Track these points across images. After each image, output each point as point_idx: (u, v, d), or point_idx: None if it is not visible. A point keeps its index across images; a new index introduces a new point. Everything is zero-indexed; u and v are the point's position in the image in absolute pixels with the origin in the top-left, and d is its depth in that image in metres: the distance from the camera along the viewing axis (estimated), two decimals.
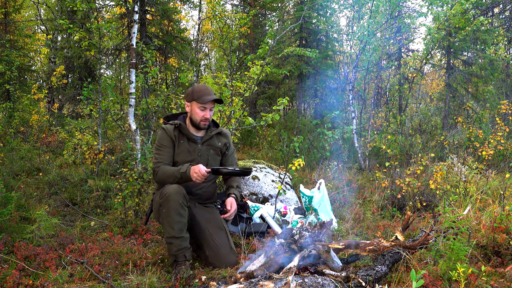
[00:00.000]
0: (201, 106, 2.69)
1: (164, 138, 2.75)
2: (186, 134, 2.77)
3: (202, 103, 2.67)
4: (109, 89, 5.90)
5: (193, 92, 2.72)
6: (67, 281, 2.38)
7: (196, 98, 2.68)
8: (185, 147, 2.75)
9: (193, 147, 2.77)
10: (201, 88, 2.72)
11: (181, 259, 2.54)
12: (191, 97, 2.72)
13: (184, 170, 2.54)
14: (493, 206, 3.56)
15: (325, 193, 3.78)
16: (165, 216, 2.51)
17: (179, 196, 2.49)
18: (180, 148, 2.75)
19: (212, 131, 2.85)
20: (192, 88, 2.77)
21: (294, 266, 2.07)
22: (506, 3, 9.21)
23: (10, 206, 3.21)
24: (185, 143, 2.76)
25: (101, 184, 5.00)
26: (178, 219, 2.49)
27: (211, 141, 2.84)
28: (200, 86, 2.75)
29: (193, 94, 2.71)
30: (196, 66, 10.14)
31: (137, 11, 5.00)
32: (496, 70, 7.46)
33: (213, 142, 2.85)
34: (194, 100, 2.70)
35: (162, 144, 2.74)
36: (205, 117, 2.71)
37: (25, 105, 8.66)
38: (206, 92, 2.69)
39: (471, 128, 6.43)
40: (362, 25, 7.32)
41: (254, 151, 8.07)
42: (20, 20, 11.44)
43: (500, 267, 2.41)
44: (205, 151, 2.81)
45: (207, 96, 2.67)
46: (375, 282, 2.16)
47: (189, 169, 2.53)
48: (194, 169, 2.50)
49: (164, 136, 2.75)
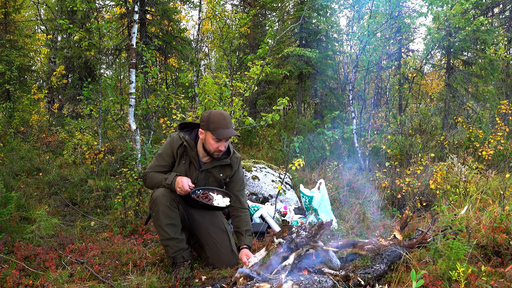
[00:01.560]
0: (216, 139, 2.45)
1: (167, 152, 2.59)
2: (190, 157, 2.59)
3: (217, 137, 2.43)
4: (109, 89, 5.90)
5: (209, 121, 2.44)
6: (67, 281, 2.39)
7: (212, 130, 2.43)
8: (185, 169, 2.60)
9: (191, 172, 2.61)
10: (218, 118, 2.44)
11: (180, 260, 2.54)
12: (206, 126, 2.45)
13: (170, 182, 2.46)
14: (493, 206, 3.56)
15: (325, 193, 3.78)
16: (156, 219, 2.52)
17: (166, 199, 2.48)
18: (179, 168, 2.60)
19: (219, 159, 2.62)
20: (208, 115, 2.47)
21: (289, 264, 2.08)
22: (506, 3, 9.20)
23: (10, 206, 3.21)
24: (186, 165, 2.60)
25: (101, 184, 5.00)
26: (168, 222, 2.49)
27: (212, 170, 2.64)
28: (217, 115, 2.45)
29: (208, 123, 2.44)
30: (196, 66, 10.14)
31: (137, 11, 5.00)
32: (496, 70, 7.46)
33: (215, 172, 2.65)
34: (210, 131, 2.44)
35: (161, 152, 2.62)
36: (219, 149, 2.50)
37: (25, 105, 8.66)
38: (223, 124, 2.43)
39: (471, 128, 6.43)
40: (362, 25, 7.32)
41: (254, 151, 8.07)
42: (20, 20, 11.45)
43: (500, 267, 2.41)
44: (203, 179, 2.64)
45: (223, 129, 2.43)
46: (375, 281, 2.16)
47: (175, 180, 2.45)
48: (178, 183, 2.42)
49: (167, 150, 2.59)
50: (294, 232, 2.23)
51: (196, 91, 8.90)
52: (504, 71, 8.80)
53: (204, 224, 2.68)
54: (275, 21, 12.22)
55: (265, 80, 10.36)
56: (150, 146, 4.34)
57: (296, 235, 2.21)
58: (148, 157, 4.03)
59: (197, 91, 4.93)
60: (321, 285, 1.98)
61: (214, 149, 2.50)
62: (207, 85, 4.44)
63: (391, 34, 9.06)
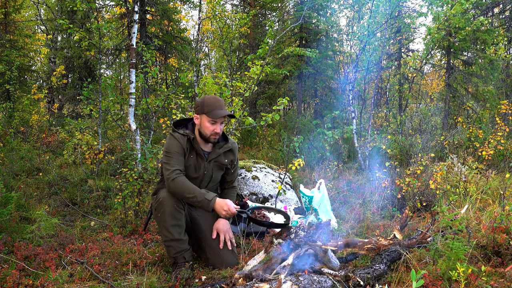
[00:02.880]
0: (212, 120, 2.51)
1: (176, 145, 2.55)
2: (196, 149, 2.61)
3: (212, 118, 2.50)
4: (109, 89, 5.90)
5: (204, 104, 2.53)
6: (67, 281, 2.39)
7: (207, 112, 2.50)
8: (193, 162, 2.61)
9: (200, 164, 2.63)
10: (213, 101, 2.54)
11: (181, 261, 2.55)
12: (201, 109, 2.53)
13: (210, 198, 2.39)
14: (493, 206, 3.56)
15: (325, 193, 3.78)
16: (161, 220, 2.51)
17: (174, 200, 2.48)
18: (188, 162, 2.59)
19: (221, 146, 2.68)
20: (202, 100, 2.57)
21: (288, 264, 2.08)
22: (506, 3, 9.20)
23: (10, 206, 3.21)
24: (193, 158, 2.61)
25: (101, 184, 5.00)
26: (174, 223, 2.49)
27: (218, 159, 2.69)
28: (211, 99, 2.56)
29: (203, 107, 2.52)
30: (196, 66, 10.14)
31: (137, 11, 5.00)
32: (496, 70, 7.46)
33: (221, 159, 2.71)
34: (205, 114, 2.52)
35: (174, 150, 2.54)
36: (215, 132, 2.54)
37: (25, 105, 8.66)
38: (218, 106, 2.52)
39: (471, 128, 6.43)
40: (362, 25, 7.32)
41: (254, 151, 8.07)
42: (20, 20, 11.45)
43: (500, 267, 2.41)
44: (211, 168, 2.68)
45: (218, 110, 2.50)
46: (375, 281, 2.16)
47: (214, 201, 2.39)
48: (223, 206, 2.38)
49: (176, 144, 2.55)
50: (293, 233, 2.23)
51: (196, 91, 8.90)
52: (504, 71, 8.80)
53: (205, 225, 2.68)
54: (275, 21, 12.21)
55: (265, 80, 10.35)
56: (150, 146, 4.34)
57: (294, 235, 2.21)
58: (148, 157, 4.03)
59: (197, 91, 4.93)
60: (320, 285, 1.98)
61: (210, 132, 2.54)
62: (207, 85, 4.44)
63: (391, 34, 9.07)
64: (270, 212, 2.60)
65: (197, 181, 2.65)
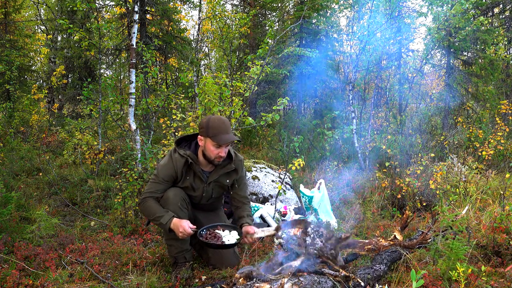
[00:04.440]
0: (216, 145, 2.39)
1: (167, 171, 2.48)
2: (194, 171, 2.52)
3: (218, 143, 2.37)
4: (109, 89, 5.90)
5: (209, 127, 2.37)
6: (67, 281, 2.39)
7: (212, 136, 2.36)
8: (190, 183, 2.53)
9: (198, 185, 2.56)
10: (218, 124, 2.38)
11: (181, 261, 2.55)
12: (205, 132, 2.39)
13: (165, 222, 2.36)
14: (493, 206, 3.56)
15: (325, 193, 3.78)
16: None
17: (178, 199, 2.48)
18: (184, 183, 2.53)
19: (223, 166, 2.57)
20: (207, 121, 2.40)
21: (294, 266, 2.07)
22: (506, 3, 9.20)
23: (10, 206, 3.21)
24: (190, 179, 2.53)
25: (101, 184, 5.00)
26: None
27: (219, 179, 2.60)
28: (216, 121, 2.39)
29: (208, 130, 2.37)
30: (196, 66, 10.14)
31: (137, 11, 5.00)
32: (496, 70, 7.46)
33: (222, 180, 2.61)
34: (209, 137, 2.38)
35: (162, 176, 2.48)
36: (219, 155, 2.43)
37: (25, 105, 8.65)
38: (223, 130, 2.37)
39: (471, 128, 6.43)
40: (362, 25, 7.32)
41: (254, 151, 8.07)
42: (20, 20, 11.44)
43: (500, 267, 2.41)
44: (211, 189, 2.61)
45: (223, 135, 2.36)
46: (375, 281, 2.16)
47: (170, 222, 2.36)
48: (179, 227, 2.33)
49: (169, 170, 2.47)
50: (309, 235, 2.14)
51: (196, 91, 8.90)
52: (504, 71, 8.79)
53: (207, 224, 2.67)
54: (275, 21, 12.21)
55: (265, 80, 10.34)
56: (150, 146, 4.34)
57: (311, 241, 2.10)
58: (148, 157, 4.03)
59: (197, 91, 4.93)
60: (321, 285, 1.98)
61: (214, 156, 2.43)
62: (207, 85, 4.44)
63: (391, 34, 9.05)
64: (225, 230, 2.52)
65: (197, 199, 2.63)
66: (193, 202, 2.65)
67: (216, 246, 2.41)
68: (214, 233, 2.47)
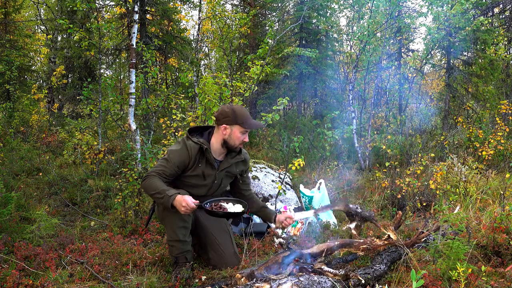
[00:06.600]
0: (244, 130, 2.50)
1: (180, 157, 2.48)
2: (207, 158, 2.55)
3: (248, 128, 2.50)
4: (109, 89, 5.89)
5: (236, 115, 2.47)
6: (67, 281, 2.38)
7: (241, 123, 2.47)
8: (201, 170, 2.55)
9: (209, 172, 2.58)
10: (244, 112, 2.52)
11: (182, 261, 2.54)
12: (233, 120, 2.47)
13: (171, 194, 2.32)
14: (493, 206, 3.56)
15: (325, 193, 3.79)
16: (169, 220, 2.48)
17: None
18: (196, 171, 2.54)
19: (233, 156, 2.65)
20: (232, 111, 2.49)
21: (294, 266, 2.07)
22: (506, 3, 9.20)
23: (10, 206, 3.21)
24: (202, 166, 2.55)
25: (101, 184, 5.00)
26: (182, 225, 2.47)
27: (230, 168, 2.66)
28: (242, 109, 2.53)
29: (236, 117, 2.47)
30: (196, 66, 10.14)
31: (137, 11, 5.01)
32: (496, 70, 7.46)
33: (232, 169, 2.68)
34: (238, 124, 2.47)
35: (174, 161, 2.47)
36: (244, 141, 2.54)
37: (25, 105, 8.65)
38: (249, 116, 2.54)
39: (471, 128, 6.43)
40: (362, 25, 7.33)
41: (254, 151, 8.07)
42: (20, 20, 11.44)
43: (500, 267, 2.41)
44: (221, 178, 2.65)
45: (252, 120, 2.52)
46: (375, 281, 2.16)
47: (174, 197, 2.31)
48: (181, 202, 2.28)
49: (182, 156, 2.48)
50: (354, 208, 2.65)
51: (196, 91, 8.90)
52: (504, 71, 8.79)
53: (207, 225, 2.67)
54: (275, 21, 12.21)
55: (265, 80, 10.35)
56: (150, 146, 4.34)
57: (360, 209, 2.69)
58: (148, 157, 4.03)
59: (197, 91, 4.93)
60: (320, 285, 1.98)
61: (239, 142, 2.52)
62: (207, 85, 4.43)
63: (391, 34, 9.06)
64: (229, 203, 2.54)
65: (205, 189, 2.62)
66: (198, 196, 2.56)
67: (222, 214, 2.41)
68: (219, 205, 2.48)
